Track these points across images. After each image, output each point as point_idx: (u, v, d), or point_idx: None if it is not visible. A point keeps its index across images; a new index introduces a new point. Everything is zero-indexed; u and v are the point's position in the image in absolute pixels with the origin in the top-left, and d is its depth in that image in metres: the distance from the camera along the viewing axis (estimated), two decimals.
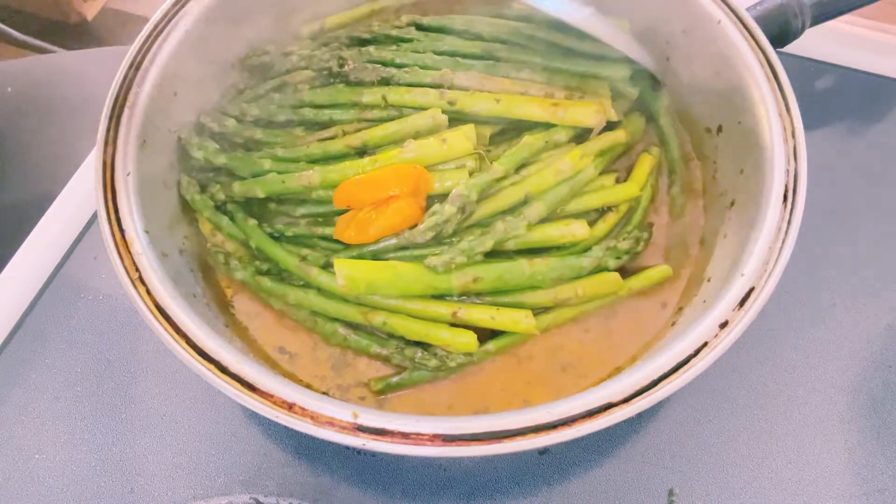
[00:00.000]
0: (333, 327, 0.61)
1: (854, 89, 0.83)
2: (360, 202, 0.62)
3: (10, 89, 1.03)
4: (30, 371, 0.67)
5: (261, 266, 0.63)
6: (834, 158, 0.77)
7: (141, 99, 0.61)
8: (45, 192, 0.78)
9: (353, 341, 0.61)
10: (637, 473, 0.61)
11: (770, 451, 0.62)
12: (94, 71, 1.07)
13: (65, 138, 0.95)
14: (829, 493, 0.60)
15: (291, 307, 0.63)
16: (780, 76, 0.61)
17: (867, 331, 0.68)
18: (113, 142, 0.59)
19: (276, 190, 0.64)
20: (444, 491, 0.60)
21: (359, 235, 0.61)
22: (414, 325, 0.60)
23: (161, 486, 0.61)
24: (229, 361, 0.50)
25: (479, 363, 0.62)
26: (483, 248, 0.59)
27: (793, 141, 0.58)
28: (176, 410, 0.64)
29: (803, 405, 0.64)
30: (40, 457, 0.63)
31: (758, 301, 0.51)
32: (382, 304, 0.61)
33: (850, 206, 0.74)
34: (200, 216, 0.66)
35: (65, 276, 0.72)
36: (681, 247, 0.67)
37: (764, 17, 0.69)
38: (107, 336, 0.68)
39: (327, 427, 0.47)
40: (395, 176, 0.61)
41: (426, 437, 0.47)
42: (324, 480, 0.61)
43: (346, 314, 0.61)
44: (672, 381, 0.48)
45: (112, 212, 0.56)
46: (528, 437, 0.46)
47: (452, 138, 0.63)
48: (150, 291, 0.53)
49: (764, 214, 0.56)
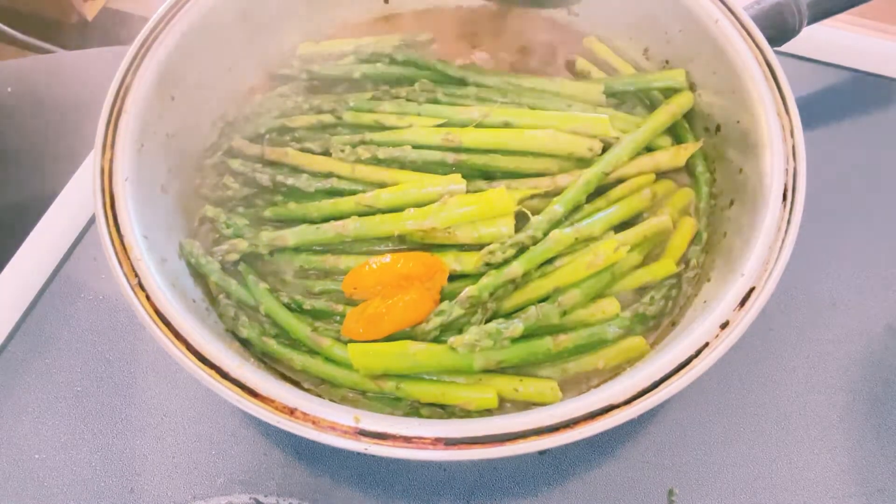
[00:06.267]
0: (341, 393, 0.59)
1: (854, 89, 0.83)
2: (370, 290, 0.60)
3: (10, 89, 1.03)
4: (30, 371, 0.67)
5: (269, 329, 0.61)
6: (833, 158, 0.77)
7: (138, 104, 0.61)
8: (45, 192, 0.78)
9: (364, 404, 0.58)
10: (637, 473, 0.61)
11: (770, 451, 0.62)
12: (94, 71, 1.07)
13: (65, 138, 0.95)
14: (829, 493, 0.60)
15: (297, 372, 0.60)
16: (778, 75, 0.61)
17: (867, 331, 0.67)
18: (111, 147, 0.59)
19: (307, 240, 0.63)
20: (444, 491, 0.61)
21: (368, 332, 0.58)
22: (430, 387, 0.57)
23: (161, 486, 0.61)
24: (230, 366, 0.50)
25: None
26: (512, 334, 0.56)
27: (791, 140, 0.58)
28: (176, 410, 0.64)
29: (803, 405, 0.64)
30: (40, 457, 0.63)
31: (758, 301, 0.51)
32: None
33: (849, 206, 0.74)
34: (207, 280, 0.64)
35: (65, 276, 0.72)
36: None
37: (761, 16, 0.69)
38: (107, 336, 0.68)
39: (329, 432, 0.47)
40: (410, 266, 0.59)
41: (428, 440, 0.46)
42: (324, 481, 0.61)
43: (355, 383, 0.58)
44: (674, 381, 0.48)
45: (111, 217, 0.56)
46: (530, 439, 0.46)
47: (490, 196, 0.61)
48: (149, 297, 0.53)
49: (763, 214, 0.56)
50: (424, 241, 0.63)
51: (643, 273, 0.63)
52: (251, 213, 0.67)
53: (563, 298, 0.59)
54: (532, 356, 0.58)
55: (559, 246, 0.60)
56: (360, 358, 0.57)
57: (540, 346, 0.58)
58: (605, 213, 0.63)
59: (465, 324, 0.58)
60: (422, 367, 0.57)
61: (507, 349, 0.57)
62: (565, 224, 0.62)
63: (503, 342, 0.56)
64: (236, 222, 0.65)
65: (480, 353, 0.56)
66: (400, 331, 0.59)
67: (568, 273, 0.60)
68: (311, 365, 0.59)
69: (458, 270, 0.61)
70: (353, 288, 0.61)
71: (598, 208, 0.64)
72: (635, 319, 0.60)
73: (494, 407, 0.57)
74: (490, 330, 0.56)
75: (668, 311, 0.62)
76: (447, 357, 0.57)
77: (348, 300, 0.62)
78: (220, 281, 0.62)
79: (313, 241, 0.63)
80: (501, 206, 0.61)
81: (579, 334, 0.58)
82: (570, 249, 0.61)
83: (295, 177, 0.67)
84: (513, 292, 0.60)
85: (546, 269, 0.61)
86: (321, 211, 0.65)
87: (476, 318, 0.58)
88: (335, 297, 0.63)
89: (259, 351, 0.60)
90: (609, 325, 0.59)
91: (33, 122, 1.00)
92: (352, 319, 0.59)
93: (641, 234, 0.63)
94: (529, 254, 0.60)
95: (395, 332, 0.58)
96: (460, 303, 0.58)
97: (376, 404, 0.58)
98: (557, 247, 0.60)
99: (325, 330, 0.60)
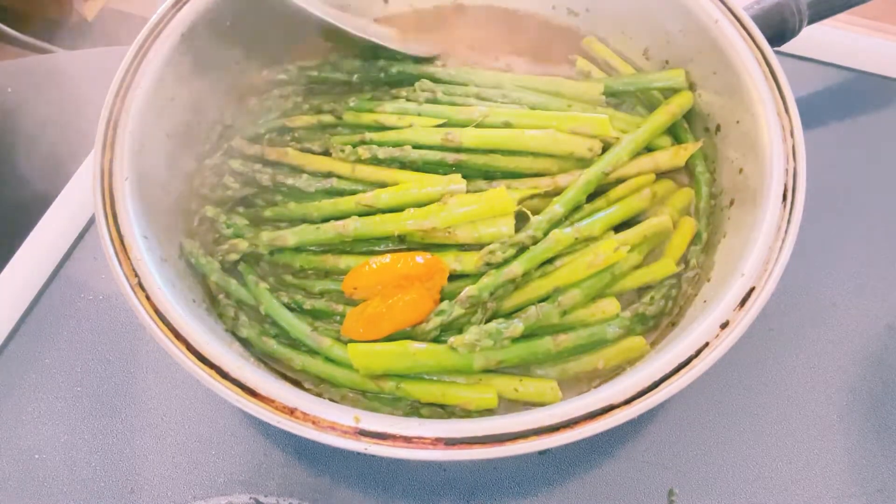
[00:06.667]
0: (342, 392, 0.59)
1: (854, 89, 0.83)
2: (370, 290, 0.60)
3: (10, 89, 1.03)
4: (30, 371, 0.67)
5: (269, 329, 0.61)
6: (833, 158, 0.77)
7: (138, 104, 0.61)
8: (45, 192, 0.78)
9: (364, 404, 0.58)
10: (637, 473, 0.61)
11: (770, 451, 0.62)
12: (94, 71, 1.06)
13: (65, 138, 0.94)
14: (829, 493, 0.60)
15: (297, 372, 0.60)
16: (778, 75, 0.61)
17: (867, 331, 0.68)
18: (111, 147, 0.59)
19: (308, 239, 0.63)
20: (444, 491, 0.60)
21: (368, 332, 0.58)
22: (430, 387, 0.58)
23: (161, 486, 0.61)
24: (230, 367, 0.50)
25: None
26: (512, 334, 0.56)
27: (791, 140, 0.58)
28: (176, 410, 0.64)
29: (803, 405, 0.64)
30: (40, 457, 0.63)
31: (758, 301, 0.51)
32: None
33: (849, 206, 0.74)
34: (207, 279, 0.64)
35: (65, 276, 0.72)
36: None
37: (761, 16, 0.69)
38: (107, 336, 0.68)
39: (329, 432, 0.47)
40: (410, 266, 0.59)
41: (428, 440, 0.47)
42: (324, 480, 0.61)
43: (355, 382, 0.58)
44: (674, 381, 0.48)
45: (110, 217, 0.56)
46: (530, 439, 0.46)
47: (490, 196, 0.61)
48: (149, 297, 0.53)
49: (763, 214, 0.56)
50: (424, 241, 0.63)
51: (643, 273, 0.63)
52: (251, 213, 0.67)
53: (563, 298, 0.59)
54: (532, 356, 0.58)
55: (559, 246, 0.60)
56: (360, 358, 0.57)
57: (540, 346, 0.58)
58: (605, 213, 0.63)
59: (466, 324, 0.58)
60: (422, 367, 0.57)
61: (507, 349, 0.57)
62: (565, 224, 0.62)
63: (503, 342, 0.56)
64: (236, 222, 0.65)
65: (480, 353, 0.56)
66: (400, 331, 0.59)
67: (568, 273, 0.60)
68: (311, 365, 0.59)
69: (458, 270, 0.61)
70: (353, 288, 0.61)
71: (598, 208, 0.64)
72: (635, 319, 0.60)
73: (494, 407, 0.57)
74: (490, 330, 0.56)
75: (667, 311, 0.62)
76: (447, 357, 0.57)
77: (348, 300, 0.62)
78: (220, 281, 0.62)
79: (313, 241, 0.63)
80: (501, 205, 0.61)
81: (579, 334, 0.59)
82: (570, 249, 0.61)
83: (295, 177, 0.67)
84: (513, 292, 0.60)
85: (546, 268, 0.61)
86: (321, 211, 0.65)
87: (476, 318, 0.58)
88: (335, 297, 0.63)
89: (259, 351, 0.60)
90: (609, 325, 0.59)
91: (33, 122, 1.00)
92: (352, 319, 0.59)
93: (641, 234, 0.63)
94: (529, 254, 0.60)
95: (395, 332, 0.59)
96: (460, 303, 0.58)
97: (376, 404, 0.58)
98: (557, 247, 0.60)
99: (325, 330, 0.60)
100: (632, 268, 0.63)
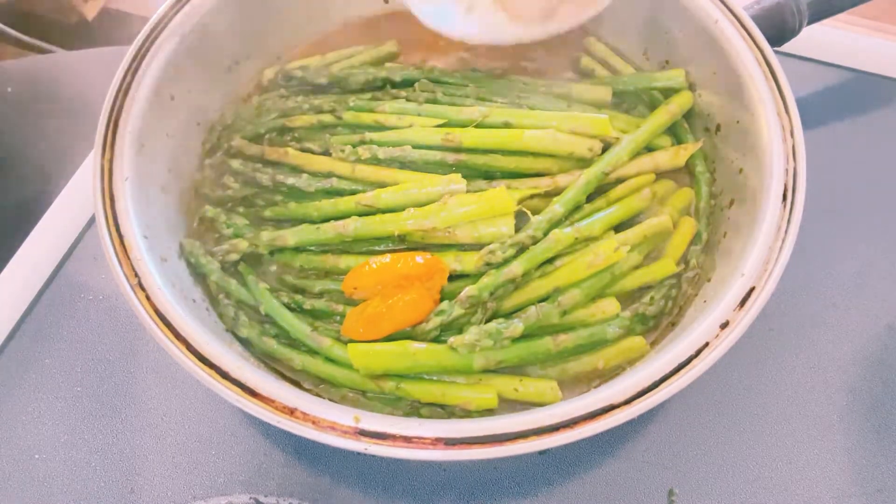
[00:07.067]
0: (342, 392, 0.59)
1: (854, 89, 0.83)
2: (370, 290, 0.60)
3: (10, 89, 1.03)
4: (30, 371, 0.67)
5: (268, 329, 0.61)
6: (833, 158, 0.77)
7: (139, 104, 0.61)
8: (45, 192, 0.78)
9: (364, 404, 0.58)
10: (637, 473, 0.61)
11: (770, 451, 0.62)
12: (94, 71, 1.07)
13: (65, 138, 0.95)
14: (829, 493, 0.60)
15: (297, 372, 0.60)
16: (777, 75, 0.61)
17: (867, 331, 0.68)
18: (111, 146, 0.59)
19: (308, 239, 0.63)
20: (444, 491, 0.61)
21: (368, 332, 0.58)
22: (430, 387, 0.57)
23: (161, 486, 0.61)
24: (230, 367, 0.50)
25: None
26: (512, 334, 0.56)
27: (791, 140, 0.58)
28: (176, 410, 0.64)
29: (803, 405, 0.64)
30: (40, 457, 0.63)
31: (758, 301, 0.51)
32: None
33: (849, 206, 0.74)
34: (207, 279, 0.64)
35: (65, 276, 0.72)
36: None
37: (761, 16, 0.69)
38: (107, 336, 0.68)
39: (329, 431, 0.47)
40: (410, 266, 0.59)
41: (428, 440, 0.47)
42: (324, 480, 0.61)
43: (355, 382, 0.58)
44: (674, 381, 0.49)
45: (111, 217, 0.56)
46: (530, 439, 0.46)
47: (490, 196, 0.61)
48: (149, 297, 0.53)
49: (763, 214, 0.56)
50: (424, 241, 0.63)
51: (643, 273, 0.63)
52: (251, 213, 0.67)
53: (563, 298, 0.59)
54: (532, 356, 0.58)
55: (559, 246, 0.60)
56: (360, 358, 0.57)
57: (540, 346, 0.58)
58: (604, 213, 0.63)
59: (465, 324, 0.58)
60: (422, 367, 0.57)
61: (507, 349, 0.57)
62: (565, 224, 0.62)
63: (503, 342, 0.56)
64: (236, 222, 0.65)
65: (480, 353, 0.56)
66: (400, 331, 0.59)
67: (568, 273, 0.60)
68: (311, 365, 0.59)
69: (458, 270, 0.61)
70: (353, 288, 0.61)
71: (597, 208, 0.64)
72: (635, 319, 0.60)
73: (494, 407, 0.57)
74: (490, 330, 0.56)
75: (667, 312, 0.62)
76: (447, 357, 0.57)
77: (348, 300, 0.62)
78: (220, 281, 0.62)
79: (313, 240, 0.63)
80: (501, 205, 0.61)
81: (579, 334, 0.58)
82: (570, 249, 0.61)
83: (295, 177, 0.67)
84: (513, 292, 0.60)
85: (546, 268, 0.61)
86: (321, 211, 0.65)
87: (476, 318, 0.58)
88: (335, 297, 0.63)
89: (259, 351, 0.60)
90: (609, 325, 0.59)
91: (33, 122, 1.00)
92: (352, 319, 0.59)
93: (641, 234, 0.63)
94: (529, 253, 0.60)
95: (395, 332, 0.58)
96: (460, 302, 0.58)
97: (376, 404, 0.58)
98: (557, 247, 0.60)
99: (325, 330, 0.60)
100: (632, 268, 0.63)
